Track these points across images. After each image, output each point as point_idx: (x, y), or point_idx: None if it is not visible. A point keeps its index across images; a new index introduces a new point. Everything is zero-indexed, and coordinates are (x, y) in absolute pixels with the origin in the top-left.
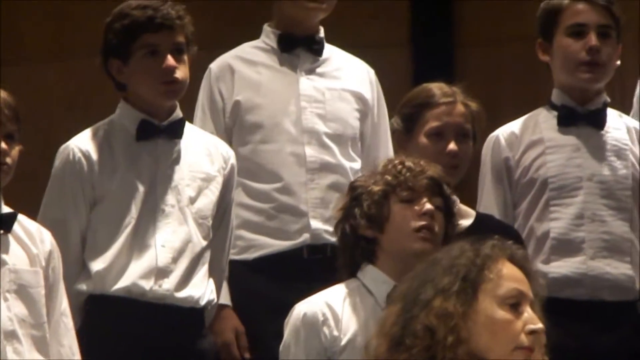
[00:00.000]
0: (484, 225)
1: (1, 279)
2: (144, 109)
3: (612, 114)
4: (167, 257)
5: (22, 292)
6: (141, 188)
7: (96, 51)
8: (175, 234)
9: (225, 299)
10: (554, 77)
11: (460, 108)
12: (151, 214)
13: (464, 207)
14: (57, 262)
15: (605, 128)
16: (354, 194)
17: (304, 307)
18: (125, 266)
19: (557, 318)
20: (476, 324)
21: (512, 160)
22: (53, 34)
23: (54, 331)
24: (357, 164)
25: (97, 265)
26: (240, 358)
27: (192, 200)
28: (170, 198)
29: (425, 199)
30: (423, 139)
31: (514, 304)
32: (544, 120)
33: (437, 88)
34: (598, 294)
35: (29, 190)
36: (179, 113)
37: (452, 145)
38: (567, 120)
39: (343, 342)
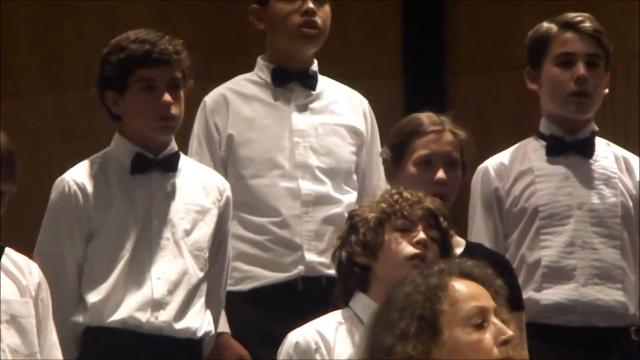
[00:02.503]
0: (474, 254)
1: None
2: (138, 141)
3: (600, 143)
4: (163, 289)
5: (14, 322)
6: (136, 221)
7: (90, 83)
8: (171, 266)
9: (224, 327)
10: (542, 106)
11: (448, 136)
12: (146, 246)
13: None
14: (46, 294)
15: (594, 157)
16: (352, 222)
17: (296, 336)
18: (121, 298)
19: (550, 345)
20: (447, 354)
21: (502, 190)
22: (46, 66)
23: None
24: (352, 197)
25: (94, 297)
26: None
27: (188, 233)
28: (165, 231)
29: (419, 228)
30: (411, 168)
31: (479, 323)
32: (532, 150)
33: (425, 117)
34: (590, 320)
35: (25, 222)
36: (174, 146)
37: (440, 174)
38: (556, 149)
39: None
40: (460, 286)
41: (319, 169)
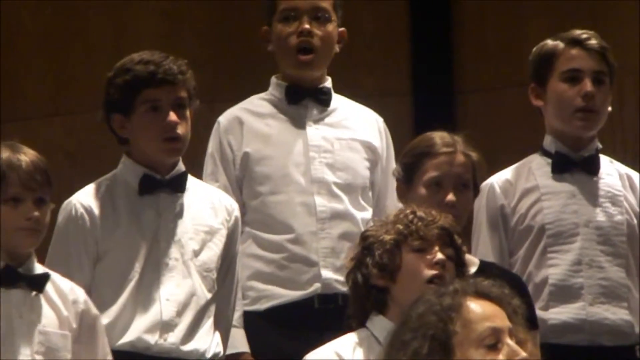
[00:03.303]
0: (487, 273)
1: (32, 342)
2: (146, 163)
3: (604, 160)
4: (172, 311)
5: (50, 354)
6: (144, 242)
7: (98, 105)
8: (180, 287)
9: (244, 345)
10: (546, 123)
11: (460, 158)
12: (155, 268)
13: (467, 256)
14: (93, 318)
15: (599, 174)
16: (366, 243)
17: (313, 358)
18: (130, 320)
19: None
20: None
21: (507, 207)
22: (54, 89)
23: None
24: (367, 213)
25: (103, 320)
26: None
27: (196, 254)
28: (173, 252)
29: (436, 249)
30: (422, 189)
31: (492, 344)
32: (537, 167)
33: (438, 137)
34: (597, 339)
35: None
36: (181, 167)
37: (450, 196)
38: (562, 166)
39: None
40: (475, 306)
41: (335, 185)
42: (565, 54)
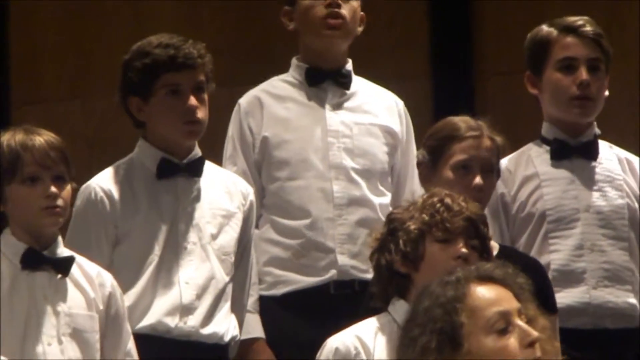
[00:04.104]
0: (507, 257)
1: (57, 323)
2: (163, 147)
3: (603, 145)
4: (192, 294)
5: (77, 336)
6: (163, 226)
7: (116, 89)
8: (199, 270)
9: (259, 331)
10: (544, 111)
11: (486, 142)
12: (173, 251)
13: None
14: (120, 303)
15: (598, 159)
16: (391, 226)
17: (336, 342)
18: (149, 304)
19: (562, 348)
20: None
21: (507, 196)
22: (73, 72)
23: None
24: (386, 199)
25: None
26: None
27: (214, 237)
28: (192, 235)
29: (461, 241)
30: (448, 172)
31: (502, 328)
32: (536, 155)
33: (462, 121)
34: (601, 322)
35: None
36: (198, 151)
37: (478, 180)
38: (560, 153)
39: None
40: (480, 292)
41: (353, 170)
42: (559, 42)
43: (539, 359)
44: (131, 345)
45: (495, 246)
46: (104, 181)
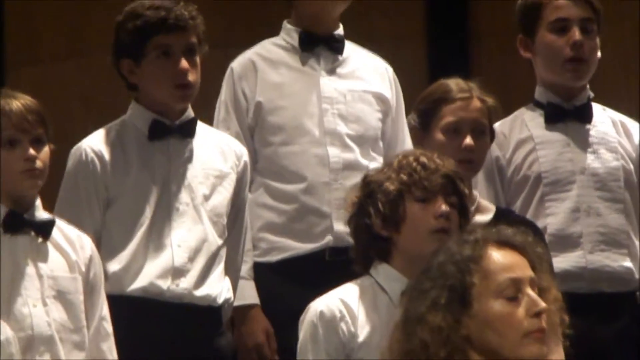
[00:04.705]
0: (504, 220)
1: (41, 286)
2: (155, 109)
3: (596, 108)
4: (184, 257)
5: (61, 298)
6: (155, 187)
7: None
8: (191, 232)
9: (254, 298)
10: (537, 74)
11: (476, 103)
12: (166, 213)
13: (483, 202)
14: (98, 267)
15: (592, 122)
16: (368, 189)
17: (320, 305)
18: (141, 266)
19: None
20: (478, 327)
21: (502, 159)
22: (69, 32)
23: (93, 336)
24: (378, 164)
25: (114, 266)
26: None
27: (206, 198)
28: (184, 196)
29: (441, 199)
30: (439, 135)
31: (512, 295)
32: (530, 119)
33: (453, 84)
34: (597, 286)
35: (47, 188)
36: (190, 112)
37: (468, 140)
38: (555, 116)
39: (360, 340)
40: (496, 257)
41: (348, 136)
42: (551, 3)
43: (543, 330)
44: (106, 310)
45: (491, 208)
46: (95, 142)
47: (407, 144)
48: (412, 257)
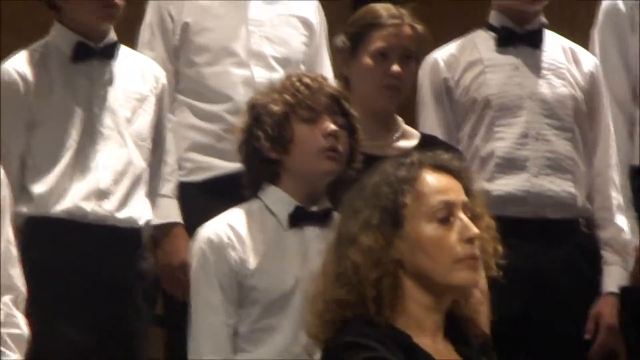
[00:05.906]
0: (429, 146)
1: None
2: (79, 30)
3: (548, 35)
4: (109, 179)
5: None
6: (79, 110)
7: None
8: (116, 156)
9: (177, 216)
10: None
11: (407, 30)
12: (90, 136)
13: (408, 128)
14: (7, 190)
15: (543, 48)
16: (254, 113)
17: (208, 231)
18: (66, 189)
19: (502, 237)
20: (410, 249)
21: (451, 80)
22: None
23: (2, 260)
24: None
25: (39, 187)
26: None
27: (129, 121)
28: (107, 120)
29: (327, 118)
30: (367, 59)
31: (444, 217)
32: (481, 42)
33: (384, 9)
34: (541, 211)
35: None
36: (113, 35)
37: (395, 67)
38: (506, 40)
39: (251, 266)
40: (431, 179)
41: (273, 58)
42: None
43: (475, 257)
44: (11, 233)
45: (415, 134)
46: (18, 64)
47: (327, 69)
48: (301, 177)
